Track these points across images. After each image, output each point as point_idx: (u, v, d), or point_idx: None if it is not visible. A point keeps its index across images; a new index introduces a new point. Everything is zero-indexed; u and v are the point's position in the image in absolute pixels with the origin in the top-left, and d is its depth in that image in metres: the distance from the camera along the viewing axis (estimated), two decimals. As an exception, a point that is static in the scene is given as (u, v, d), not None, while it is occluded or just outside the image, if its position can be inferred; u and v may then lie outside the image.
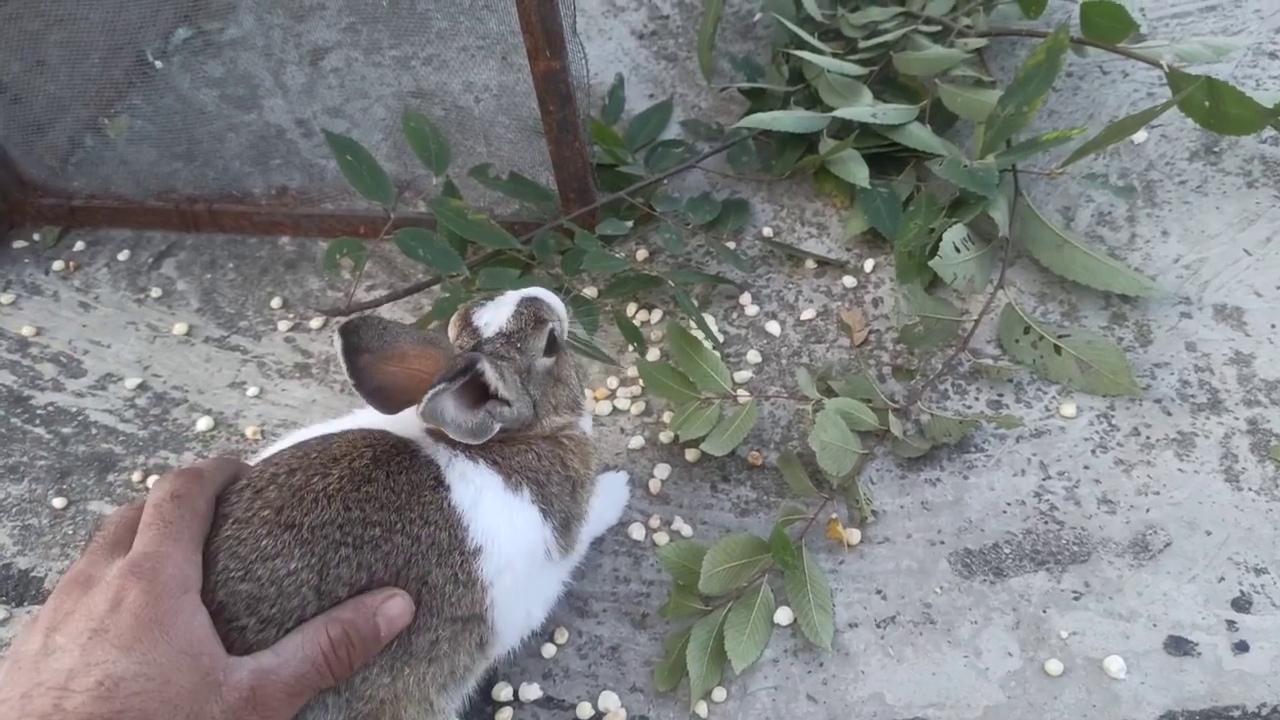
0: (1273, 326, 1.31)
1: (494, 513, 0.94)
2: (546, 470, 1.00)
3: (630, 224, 1.51)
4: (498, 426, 0.95)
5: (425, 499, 0.90)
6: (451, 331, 1.04)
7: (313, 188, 1.74)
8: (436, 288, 1.49)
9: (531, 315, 1.03)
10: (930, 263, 1.32)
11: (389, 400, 0.93)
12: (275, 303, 1.57)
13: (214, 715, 0.73)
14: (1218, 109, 1.37)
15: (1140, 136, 1.58)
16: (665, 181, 1.60)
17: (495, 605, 0.94)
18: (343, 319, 1.44)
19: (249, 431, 1.40)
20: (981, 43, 1.63)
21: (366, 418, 0.99)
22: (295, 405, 1.43)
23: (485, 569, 0.92)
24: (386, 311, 1.48)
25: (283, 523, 0.84)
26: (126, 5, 1.86)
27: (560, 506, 1.01)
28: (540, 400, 1.02)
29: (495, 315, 1.03)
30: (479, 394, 0.95)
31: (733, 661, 1.08)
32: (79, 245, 1.72)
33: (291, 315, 1.55)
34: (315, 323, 1.53)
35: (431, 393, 0.87)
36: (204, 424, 1.42)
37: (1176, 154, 1.54)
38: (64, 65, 1.93)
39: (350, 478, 0.88)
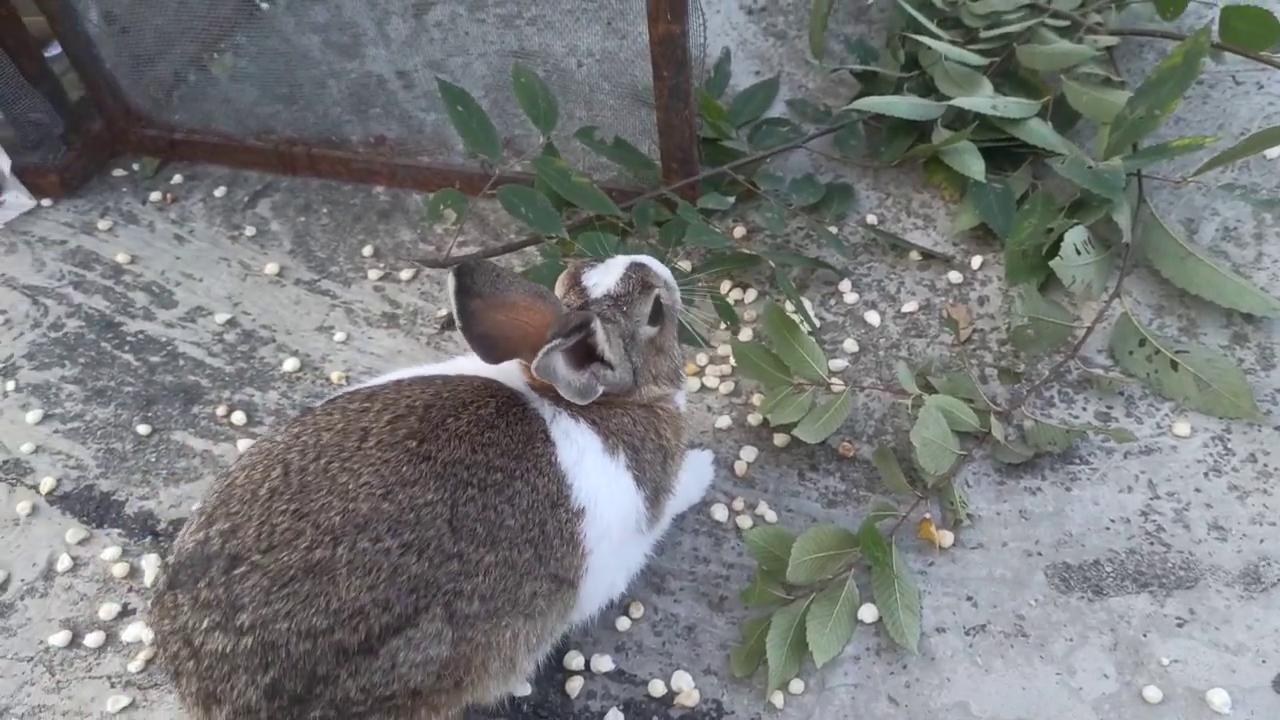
0: None
1: (596, 474, 0.93)
2: (641, 437, 0.98)
3: (732, 200, 1.47)
4: (601, 389, 0.93)
5: (538, 451, 0.90)
6: (559, 289, 1.02)
7: (410, 140, 1.73)
8: (531, 249, 1.47)
9: (639, 280, 1.01)
10: (1051, 263, 1.26)
11: (494, 349, 0.91)
12: (367, 250, 1.56)
13: None
14: (1372, 126, 1.29)
15: (1274, 152, 1.49)
16: (769, 160, 1.56)
17: (589, 572, 0.92)
18: (439, 269, 1.44)
19: (334, 376, 1.40)
20: (1112, 40, 1.56)
21: (467, 365, 0.98)
22: (381, 354, 1.43)
23: (588, 533, 0.91)
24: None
25: (421, 454, 0.84)
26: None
27: (652, 475, 0.99)
28: (641, 368, 1.00)
29: (604, 277, 1.00)
30: (585, 354, 0.93)
31: (814, 654, 1.05)
32: (176, 178, 1.73)
33: (382, 265, 1.55)
34: (405, 274, 1.52)
35: (548, 347, 0.85)
36: (290, 364, 1.42)
37: (1311, 168, 1.46)
38: (173, 0, 1.94)
39: (477, 422, 0.88)
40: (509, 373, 0.95)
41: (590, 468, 0.92)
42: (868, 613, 1.10)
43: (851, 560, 1.11)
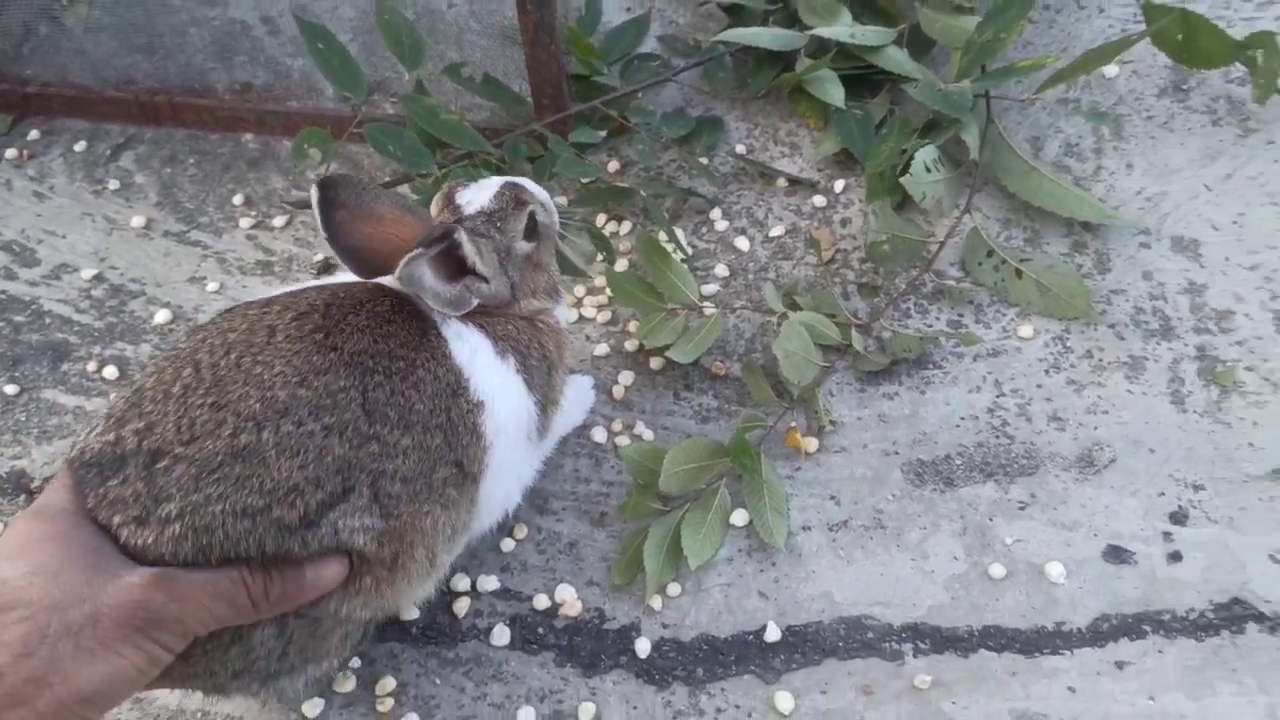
0: (1226, 259, 1.34)
1: (489, 373, 0.97)
2: (527, 345, 1.03)
3: (603, 134, 1.50)
4: (475, 301, 0.96)
5: (433, 344, 0.93)
6: (434, 209, 1.04)
7: (278, 85, 1.70)
8: (404, 188, 1.47)
9: (513, 197, 1.04)
10: (901, 180, 1.33)
11: (364, 263, 0.94)
12: (238, 199, 1.54)
13: (111, 595, 0.73)
14: (1190, 42, 1.39)
15: (1112, 71, 1.59)
16: (640, 94, 1.58)
17: (488, 470, 0.96)
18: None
19: (209, 325, 1.38)
20: (963, -29, 1.62)
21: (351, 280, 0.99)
22: (257, 301, 1.42)
23: (487, 426, 0.95)
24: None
25: (329, 345, 0.87)
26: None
27: (540, 383, 1.04)
28: (519, 283, 1.03)
29: (478, 195, 1.03)
30: (457, 267, 0.95)
31: (689, 558, 1.10)
32: (33, 134, 1.67)
33: (254, 213, 1.53)
34: (279, 221, 1.51)
35: (409, 257, 0.87)
36: (162, 316, 1.40)
37: (1146, 90, 1.55)
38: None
39: (375, 318, 0.91)
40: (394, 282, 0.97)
41: (483, 366, 0.96)
42: (740, 517, 1.16)
43: (724, 470, 1.17)
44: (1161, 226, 1.39)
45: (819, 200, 1.47)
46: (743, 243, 1.43)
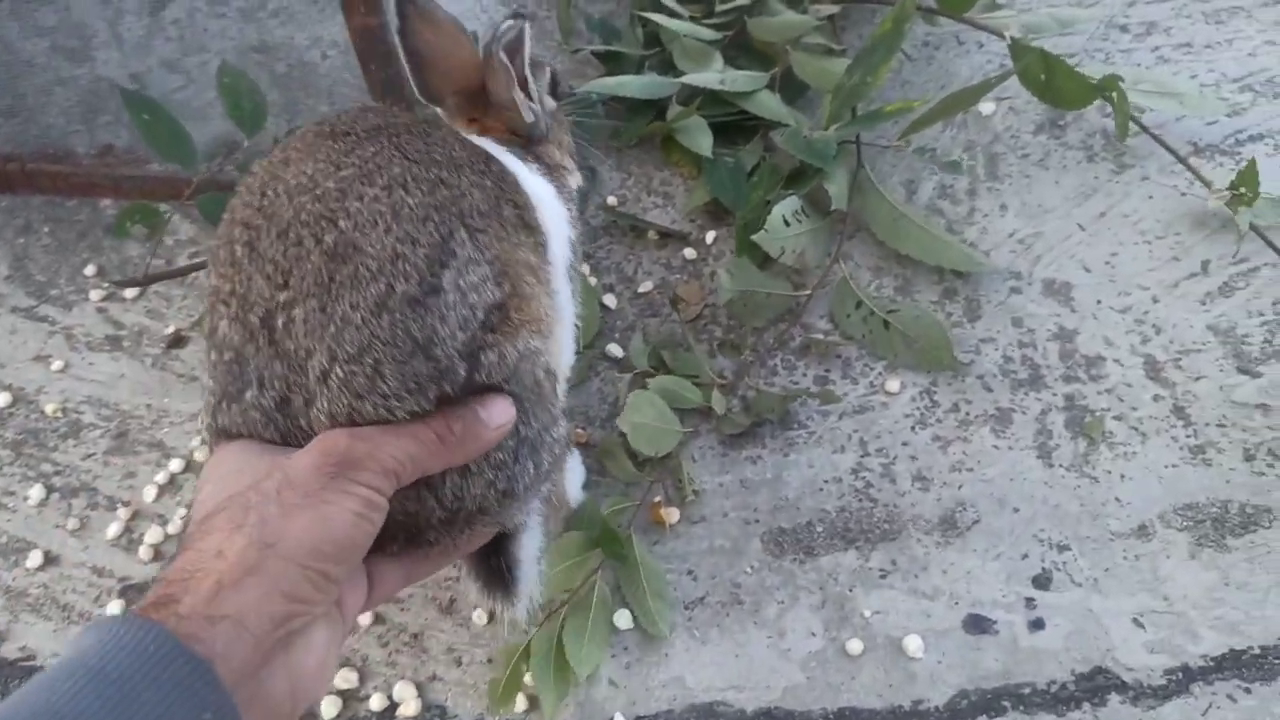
0: (1098, 302, 1.32)
1: (534, 181, 0.96)
2: (559, 182, 1.03)
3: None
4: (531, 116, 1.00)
5: (480, 153, 0.89)
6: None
7: (139, 146, 1.64)
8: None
9: (535, 60, 1.05)
10: (754, 237, 1.29)
11: (424, 74, 0.98)
12: (90, 270, 1.48)
13: (295, 459, 0.67)
14: (1052, 82, 1.36)
15: (988, 108, 1.57)
16: (506, 147, 1.54)
17: (553, 265, 0.91)
18: (138, 285, 1.37)
19: (49, 409, 1.32)
20: (833, 9, 1.60)
21: None
22: (101, 379, 1.35)
23: (541, 218, 0.91)
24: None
25: (341, 132, 0.82)
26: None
27: (575, 229, 1.02)
28: (551, 125, 1.07)
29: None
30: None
31: (575, 668, 1.04)
32: (-120, 206, 1.60)
33: (106, 284, 1.46)
34: (130, 292, 1.45)
35: (506, 25, 0.94)
36: (1, 400, 1.33)
37: (1023, 127, 1.53)
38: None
39: (420, 124, 0.87)
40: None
41: (527, 175, 0.95)
42: (623, 619, 1.10)
43: (597, 562, 1.12)
44: (1034, 270, 1.36)
45: (689, 253, 1.43)
46: (610, 300, 1.39)
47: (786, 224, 1.32)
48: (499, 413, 0.76)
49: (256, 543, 0.61)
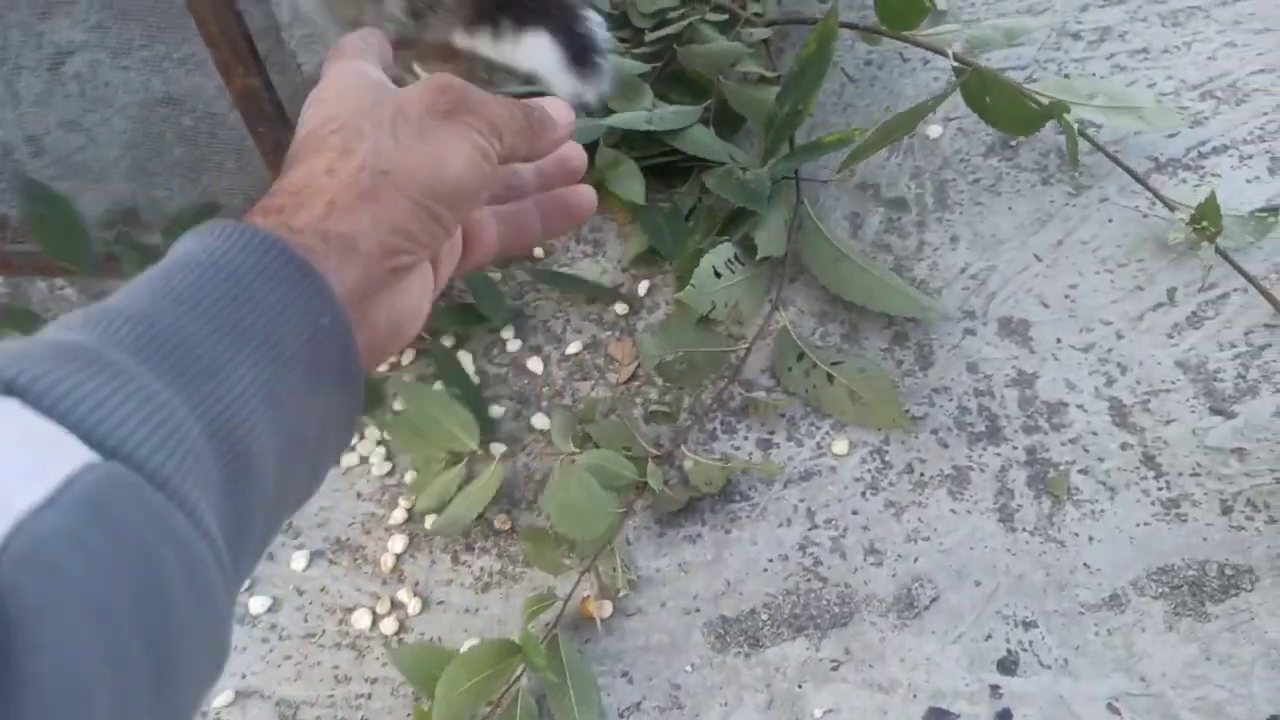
0: (1058, 341, 1.22)
1: None
2: None
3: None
4: None
5: None
6: None
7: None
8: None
9: None
10: (678, 295, 1.19)
11: None
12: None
13: (406, 92, 0.62)
14: (996, 106, 1.27)
15: (935, 131, 1.47)
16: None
17: None
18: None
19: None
20: (766, 33, 1.50)
21: None
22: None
23: None
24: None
25: None
26: None
27: None
28: None
29: None
30: None
31: None
32: None
33: (-3, 372, 1.36)
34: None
35: None
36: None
37: (972, 149, 1.44)
38: None
39: None
40: None
41: None
42: None
43: (516, 672, 1.02)
44: (988, 308, 1.27)
45: (621, 307, 1.33)
46: (536, 364, 1.29)
47: (718, 275, 1.22)
48: (566, 113, 0.72)
49: (371, 168, 0.56)
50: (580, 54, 1.03)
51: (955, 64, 1.33)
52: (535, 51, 1.08)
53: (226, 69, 1.14)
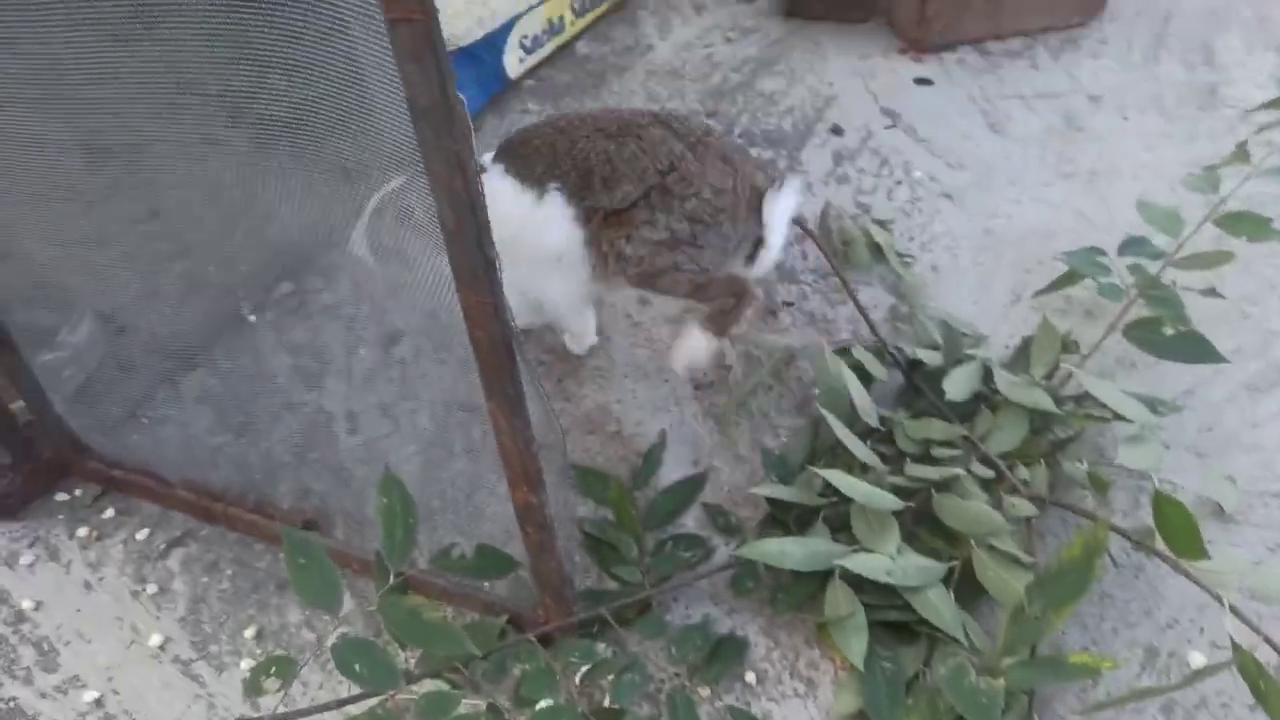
0: None
1: None
2: None
3: (603, 647, 1.41)
4: None
5: None
6: None
7: (332, 499, 1.74)
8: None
9: None
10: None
11: None
12: (249, 632, 1.56)
13: None
14: (1271, 698, 1.17)
15: (1197, 659, 1.37)
16: (655, 599, 1.50)
17: None
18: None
19: (168, 794, 1.37)
20: (1030, 511, 1.48)
21: None
22: (222, 771, 1.40)
23: None
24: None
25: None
26: (243, 251, 1.97)
27: None
28: None
29: None
30: None
31: None
32: (109, 512, 1.78)
33: (260, 651, 1.54)
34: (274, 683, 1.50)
35: None
36: (133, 770, 1.40)
37: (1238, 693, 1.33)
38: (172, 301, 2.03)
39: None
40: None
41: None
42: None
43: None
44: None
45: (826, 772, 1.31)
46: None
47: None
48: None
49: None
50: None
51: (1231, 629, 1.25)
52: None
53: (514, 481, 1.28)
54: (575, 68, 3.04)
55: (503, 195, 1.65)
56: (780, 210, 1.71)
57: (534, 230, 1.67)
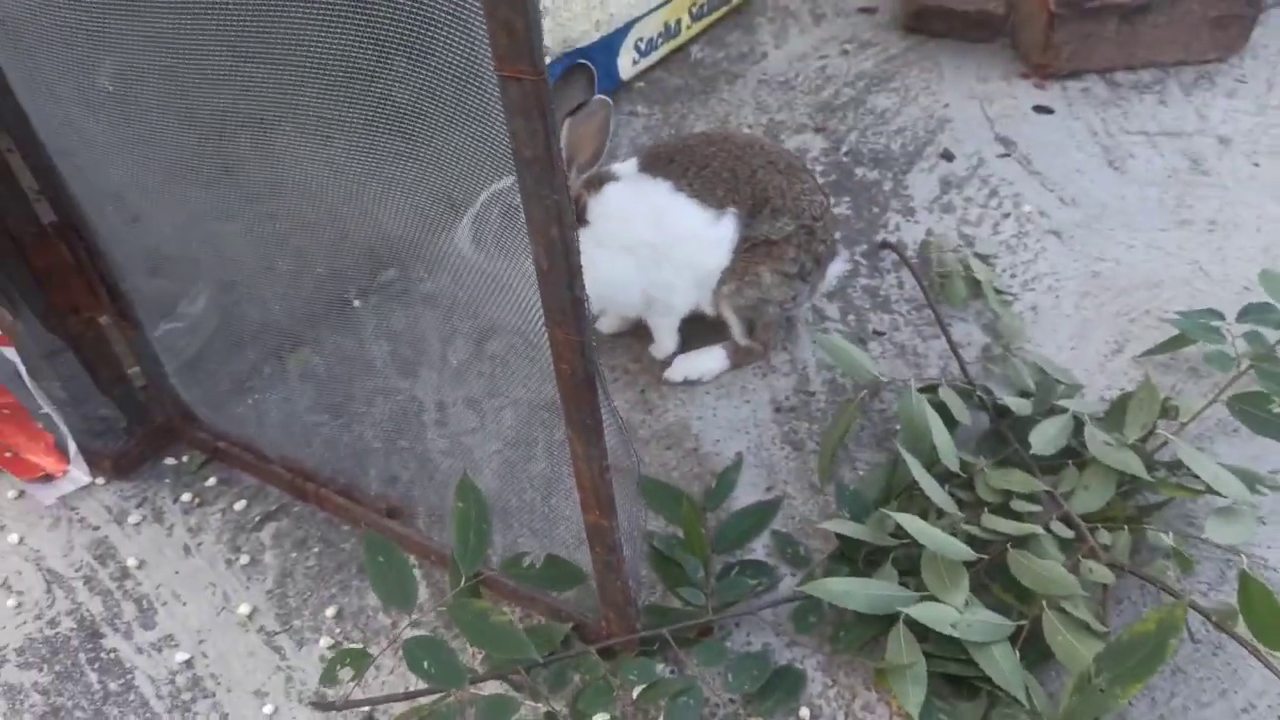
0: None
1: None
2: None
3: (661, 667, 1.45)
4: None
5: None
6: None
7: (416, 488, 1.82)
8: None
9: None
10: None
11: None
12: (330, 611, 1.64)
13: None
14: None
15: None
16: (716, 624, 1.53)
17: None
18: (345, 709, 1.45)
19: (244, 758, 1.46)
20: (1107, 577, 1.45)
21: None
22: (295, 743, 1.48)
23: None
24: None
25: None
26: (353, 234, 2.06)
27: None
28: None
29: None
30: None
31: None
32: (212, 480, 1.89)
33: (339, 630, 1.62)
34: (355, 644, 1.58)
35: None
36: (214, 727, 1.50)
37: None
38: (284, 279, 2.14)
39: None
40: None
41: None
42: None
43: None
44: None
45: (866, 819, 1.32)
46: None
47: None
48: None
49: None
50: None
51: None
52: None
53: (586, 504, 1.32)
54: (687, 72, 3.05)
55: (678, 211, 1.82)
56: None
57: (705, 246, 1.86)
